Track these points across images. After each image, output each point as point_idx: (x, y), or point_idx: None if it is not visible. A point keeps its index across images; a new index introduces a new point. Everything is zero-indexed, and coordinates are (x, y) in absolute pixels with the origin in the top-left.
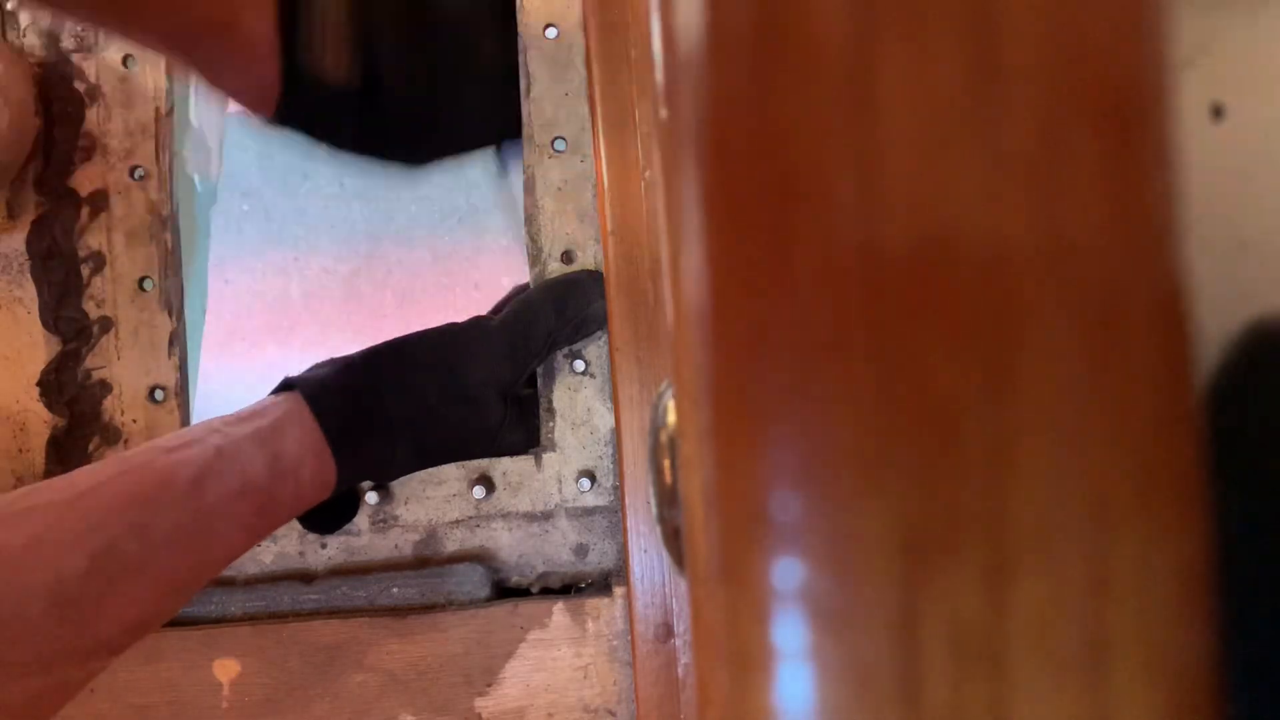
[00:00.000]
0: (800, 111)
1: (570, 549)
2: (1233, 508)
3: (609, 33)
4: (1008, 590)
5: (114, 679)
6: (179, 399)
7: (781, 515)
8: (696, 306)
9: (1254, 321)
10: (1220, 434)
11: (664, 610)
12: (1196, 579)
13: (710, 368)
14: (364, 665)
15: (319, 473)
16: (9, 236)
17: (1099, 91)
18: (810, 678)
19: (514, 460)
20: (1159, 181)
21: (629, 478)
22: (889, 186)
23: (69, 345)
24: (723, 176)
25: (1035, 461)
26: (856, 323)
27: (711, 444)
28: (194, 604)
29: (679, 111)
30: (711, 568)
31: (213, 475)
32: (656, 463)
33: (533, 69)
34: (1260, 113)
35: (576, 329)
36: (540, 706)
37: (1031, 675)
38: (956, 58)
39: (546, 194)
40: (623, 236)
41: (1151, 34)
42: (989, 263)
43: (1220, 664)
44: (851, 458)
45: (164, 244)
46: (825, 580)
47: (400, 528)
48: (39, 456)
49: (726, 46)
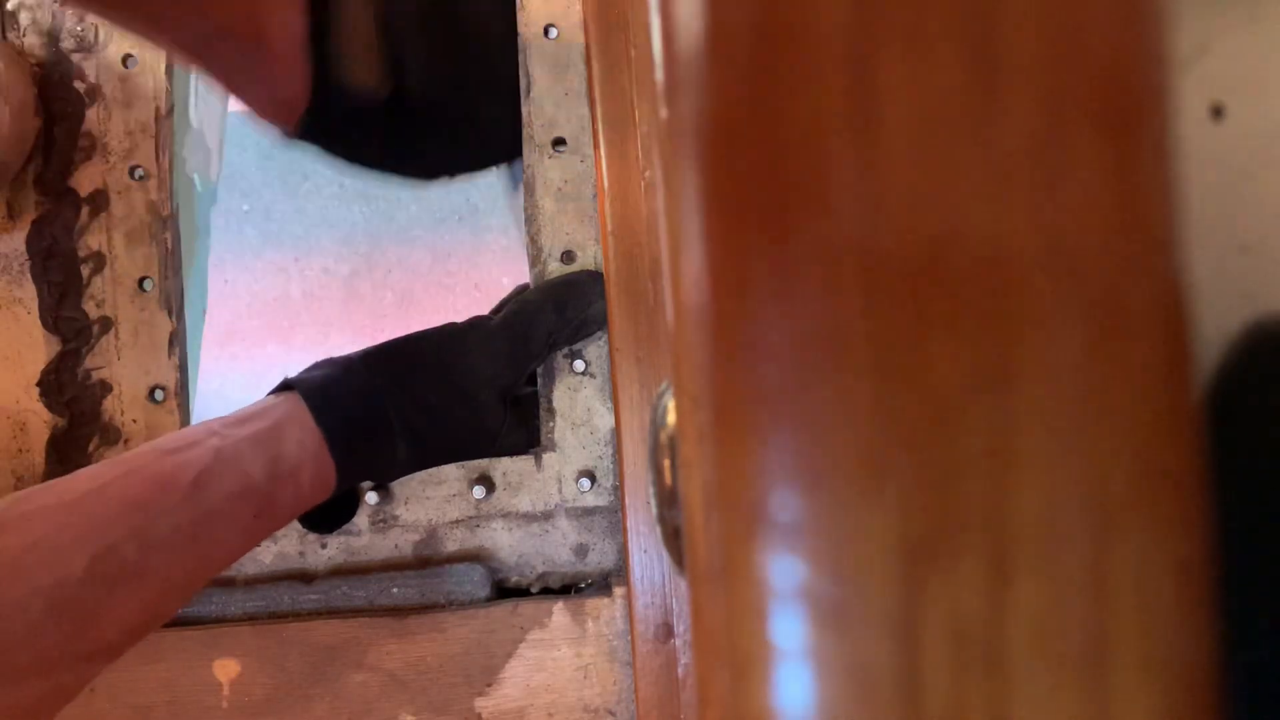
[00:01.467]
0: (800, 111)
1: (570, 549)
2: (1233, 507)
3: (609, 33)
4: (1008, 590)
5: (114, 679)
6: (179, 399)
7: (781, 515)
8: (696, 306)
9: (1254, 321)
10: (1220, 434)
11: (664, 610)
12: (1196, 579)
13: (710, 368)
14: (364, 665)
15: (319, 474)
16: (9, 236)
17: (1099, 91)
18: (810, 678)
19: (514, 460)
20: (1159, 182)
21: (629, 478)
22: (889, 186)
23: (69, 345)
24: (723, 176)
25: (1035, 461)
26: (856, 323)
27: (711, 444)
28: (194, 604)
29: (679, 111)
30: (711, 568)
31: (212, 477)
32: (656, 463)
33: (533, 69)
34: (1260, 113)
35: (576, 329)
36: (540, 706)
37: (1031, 675)
38: (956, 57)
39: (546, 194)
40: (623, 236)
41: (1151, 34)
42: (989, 263)
43: (1220, 664)
44: (851, 457)
45: (164, 244)
46: (825, 580)
47: (400, 528)
48: (39, 456)
49: (726, 46)
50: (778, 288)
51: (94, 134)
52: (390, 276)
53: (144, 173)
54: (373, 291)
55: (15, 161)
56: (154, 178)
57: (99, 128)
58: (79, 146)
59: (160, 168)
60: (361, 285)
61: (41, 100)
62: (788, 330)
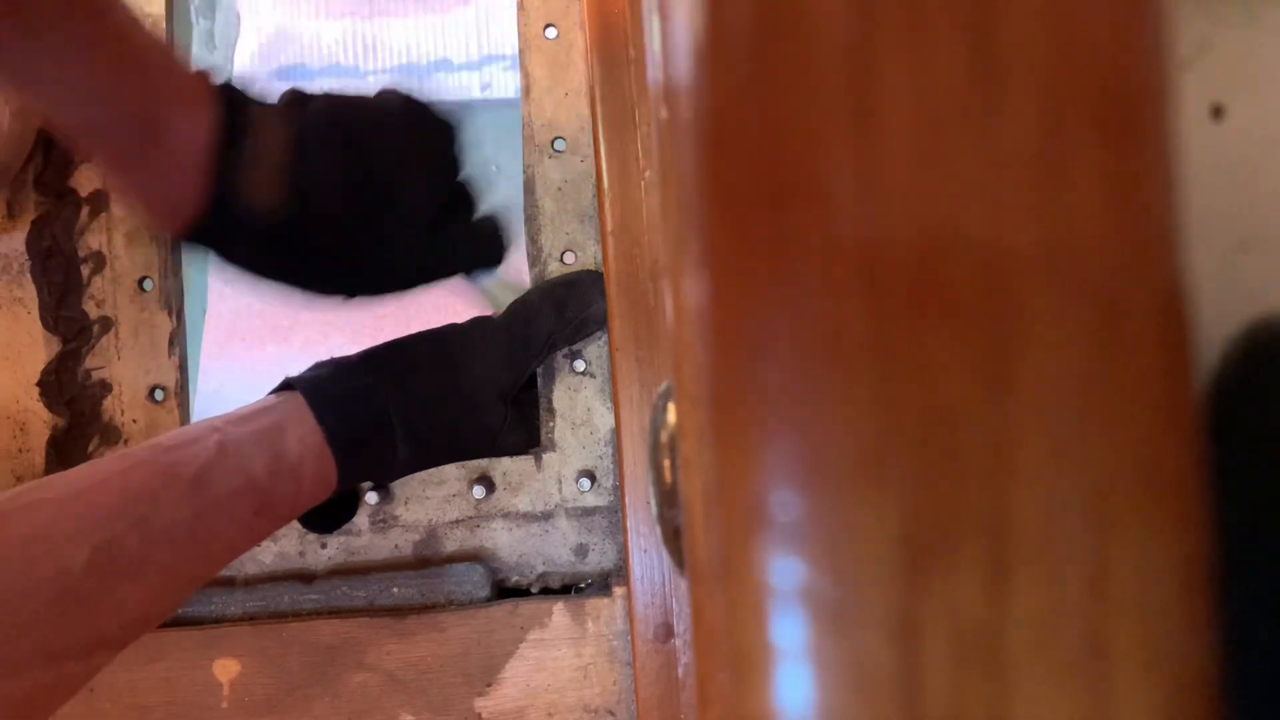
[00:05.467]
0: (800, 111)
1: (570, 549)
2: (1233, 508)
3: (609, 33)
4: (1008, 590)
5: (114, 679)
6: (179, 399)
7: (782, 515)
8: (696, 306)
9: (1254, 321)
10: (1220, 434)
11: (664, 610)
12: (1196, 579)
13: (710, 368)
14: (364, 665)
15: (319, 473)
16: (9, 236)
17: (1099, 90)
18: (810, 678)
19: (514, 460)
20: (1159, 181)
21: (629, 478)
22: (888, 186)
23: (69, 345)
24: (722, 176)
25: (1035, 461)
26: (856, 322)
27: (711, 444)
28: (194, 604)
29: (679, 111)
30: (711, 568)
31: (214, 472)
32: (656, 463)
33: (532, 69)
34: (1260, 113)
35: (576, 329)
36: (540, 707)
37: (1031, 675)
38: (956, 57)
39: (546, 194)
40: (623, 236)
41: (1152, 34)
42: (989, 262)
43: (1220, 664)
44: (852, 457)
45: (164, 244)
46: (825, 580)
47: (400, 528)
48: (39, 456)
49: (726, 46)
50: (777, 288)
51: None
52: None
53: None
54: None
55: (15, 161)
56: None
57: None
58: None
59: None
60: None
61: None
62: (788, 330)
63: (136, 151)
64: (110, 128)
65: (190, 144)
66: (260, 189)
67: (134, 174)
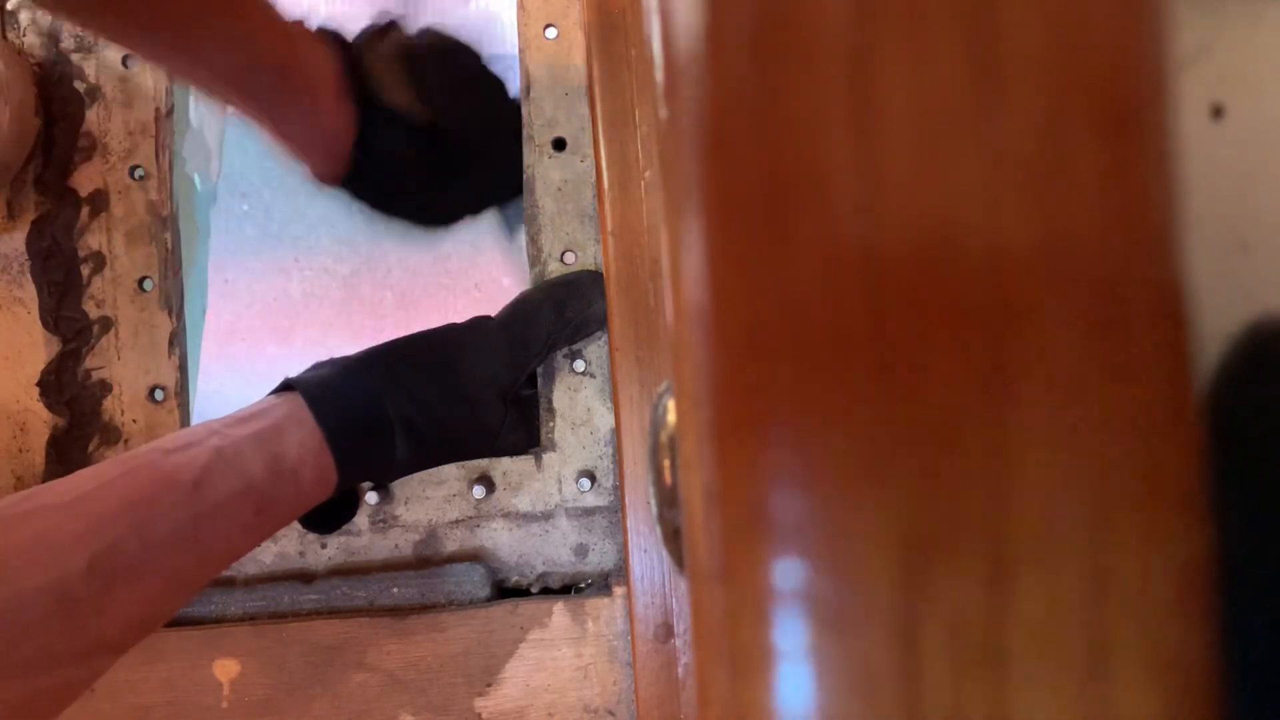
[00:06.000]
0: (800, 111)
1: (570, 549)
2: (1233, 508)
3: (609, 33)
4: (1008, 591)
5: (115, 679)
6: (179, 399)
7: (782, 515)
8: (696, 306)
9: (1254, 321)
10: (1220, 434)
11: (664, 610)
12: (1196, 579)
13: (710, 368)
14: (364, 665)
15: (319, 473)
16: (9, 236)
17: (1099, 91)
18: (810, 678)
19: (514, 460)
20: (1159, 182)
21: (629, 478)
22: (888, 187)
23: (69, 345)
24: (722, 176)
25: (1035, 462)
26: (856, 323)
27: (711, 444)
28: (194, 604)
29: (679, 111)
30: (711, 568)
31: (213, 476)
32: (656, 463)
33: (532, 69)
34: (1260, 113)
35: (576, 329)
36: (540, 707)
37: (1031, 675)
38: (956, 57)
39: (546, 194)
40: (623, 236)
41: (1151, 34)
42: (988, 263)
43: (1220, 664)
44: (851, 458)
45: (164, 244)
46: (825, 580)
47: (400, 528)
48: (39, 456)
49: (726, 46)
50: (778, 288)
51: (94, 134)
52: (390, 276)
53: (144, 173)
54: (373, 291)
55: (15, 161)
56: (154, 178)
57: (99, 128)
58: (79, 146)
59: (160, 168)
60: (361, 285)
61: (41, 100)
62: (788, 330)
63: (286, 94)
64: (257, 75)
65: (327, 78)
66: (397, 98)
67: (288, 116)
